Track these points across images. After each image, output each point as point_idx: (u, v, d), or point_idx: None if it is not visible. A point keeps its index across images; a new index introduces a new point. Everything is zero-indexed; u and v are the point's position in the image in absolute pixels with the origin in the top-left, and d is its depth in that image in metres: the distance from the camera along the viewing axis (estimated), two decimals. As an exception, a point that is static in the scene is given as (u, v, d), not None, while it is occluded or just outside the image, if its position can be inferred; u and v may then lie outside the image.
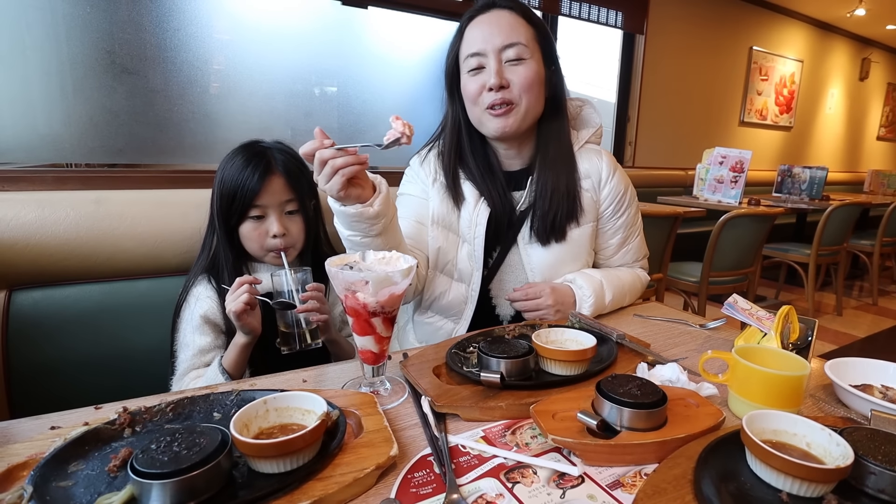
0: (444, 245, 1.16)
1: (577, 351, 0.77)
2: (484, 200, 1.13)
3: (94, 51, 1.47)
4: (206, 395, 0.69)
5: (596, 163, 1.19)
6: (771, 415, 0.59)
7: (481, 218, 1.12)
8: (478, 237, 1.12)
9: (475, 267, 1.14)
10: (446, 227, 1.16)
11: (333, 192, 0.87)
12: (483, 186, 1.14)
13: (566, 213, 1.13)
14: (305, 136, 1.82)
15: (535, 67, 1.07)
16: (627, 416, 0.62)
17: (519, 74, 1.05)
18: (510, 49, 1.05)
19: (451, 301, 1.17)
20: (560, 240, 1.14)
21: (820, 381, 0.83)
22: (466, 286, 1.16)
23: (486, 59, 1.06)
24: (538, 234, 1.13)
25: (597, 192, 1.18)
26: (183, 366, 1.07)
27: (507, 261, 1.17)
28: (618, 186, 1.19)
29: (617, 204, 1.20)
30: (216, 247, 1.14)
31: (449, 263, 1.16)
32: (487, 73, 1.06)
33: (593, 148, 1.22)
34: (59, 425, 0.64)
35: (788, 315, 0.89)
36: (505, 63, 1.06)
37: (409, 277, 0.71)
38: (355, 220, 0.92)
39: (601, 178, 1.18)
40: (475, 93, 1.08)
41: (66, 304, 1.19)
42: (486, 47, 1.05)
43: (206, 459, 0.49)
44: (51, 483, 0.51)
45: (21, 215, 1.14)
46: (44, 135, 1.46)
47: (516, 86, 1.06)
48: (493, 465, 0.60)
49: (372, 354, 0.75)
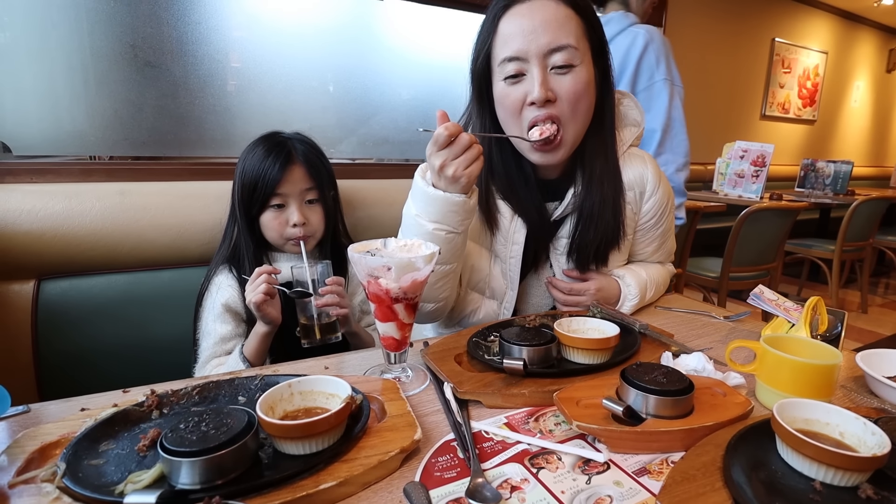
0: (476, 262, 1.06)
1: (601, 339, 0.76)
2: (519, 217, 1.03)
3: (118, 45, 1.49)
4: (231, 379, 0.70)
5: (640, 172, 1.07)
6: (803, 403, 0.57)
7: (518, 237, 1.02)
8: (514, 256, 1.03)
9: (509, 286, 1.06)
10: (479, 242, 1.07)
11: (473, 176, 0.83)
12: (517, 202, 1.03)
13: (609, 240, 1.03)
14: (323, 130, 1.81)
15: (585, 76, 0.91)
16: (654, 404, 0.61)
17: (567, 86, 0.90)
18: (557, 54, 0.88)
19: (482, 319, 1.09)
20: (601, 266, 1.07)
21: (850, 373, 0.81)
22: (499, 304, 1.09)
23: (528, 65, 0.90)
24: (578, 263, 1.05)
25: (637, 205, 1.09)
26: (205, 354, 1.08)
27: (537, 274, 1.10)
28: (661, 199, 1.09)
29: (658, 217, 1.11)
30: (237, 237, 1.15)
31: (481, 281, 1.08)
32: (529, 81, 0.90)
33: (637, 153, 1.10)
34: (89, 407, 0.65)
35: (817, 306, 0.87)
36: (550, 70, 0.90)
37: (432, 264, 0.70)
38: (454, 209, 0.86)
39: (645, 191, 1.08)
40: (514, 107, 0.93)
41: (93, 294, 1.21)
42: (527, 50, 0.88)
43: (234, 439, 0.50)
44: (83, 461, 0.52)
45: (49, 206, 1.17)
46: (69, 128, 1.49)
47: (564, 99, 0.91)
48: (517, 450, 0.60)
49: (394, 341, 0.75)
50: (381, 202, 1.48)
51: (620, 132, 1.08)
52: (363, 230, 1.41)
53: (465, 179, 0.83)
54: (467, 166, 0.81)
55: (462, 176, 0.82)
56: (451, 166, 0.82)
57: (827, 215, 4.29)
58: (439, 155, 0.82)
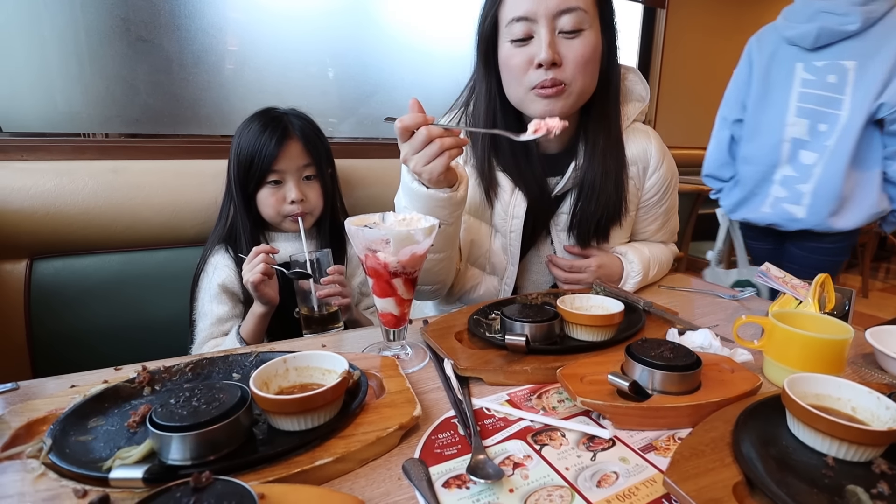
0: (476, 237, 1.05)
1: (605, 315, 0.74)
2: (520, 190, 1.01)
3: (110, 18, 1.45)
4: (225, 356, 0.68)
5: (644, 146, 1.05)
6: (814, 378, 0.56)
7: (518, 210, 1.00)
8: (514, 231, 1.02)
9: (510, 261, 1.05)
10: (478, 216, 1.05)
11: (434, 174, 0.78)
12: (519, 175, 1.01)
13: (611, 214, 1.02)
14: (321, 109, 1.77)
15: (592, 41, 0.90)
16: (660, 379, 0.59)
17: (574, 50, 0.88)
18: (566, 16, 0.86)
19: (483, 295, 1.08)
20: (602, 241, 1.05)
21: (860, 350, 0.79)
22: (499, 280, 1.08)
23: (536, 26, 0.88)
24: (579, 237, 1.03)
25: (640, 181, 1.07)
26: (202, 335, 1.07)
27: (537, 250, 1.09)
28: (665, 175, 1.07)
29: (662, 194, 1.09)
30: (233, 216, 1.13)
31: (481, 256, 1.07)
32: (536, 44, 0.88)
33: (640, 128, 1.08)
34: (79, 384, 0.64)
35: (824, 284, 0.85)
36: (558, 34, 0.88)
37: (431, 237, 0.68)
38: (441, 205, 0.84)
39: (648, 166, 1.06)
40: (520, 69, 0.90)
41: (87, 274, 1.19)
42: (536, 10, 0.86)
43: (226, 414, 0.48)
44: (70, 437, 0.51)
45: (40, 184, 1.14)
46: (61, 105, 1.46)
47: (570, 63, 0.88)
48: (519, 427, 0.58)
49: (393, 317, 0.73)
50: (379, 181, 1.45)
51: (625, 107, 1.06)
52: (361, 209, 1.36)
53: (427, 175, 0.78)
54: (427, 162, 0.77)
55: (422, 172, 0.78)
56: (412, 161, 0.78)
57: (829, 200, 4.25)
58: (402, 148, 0.79)
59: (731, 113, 1.85)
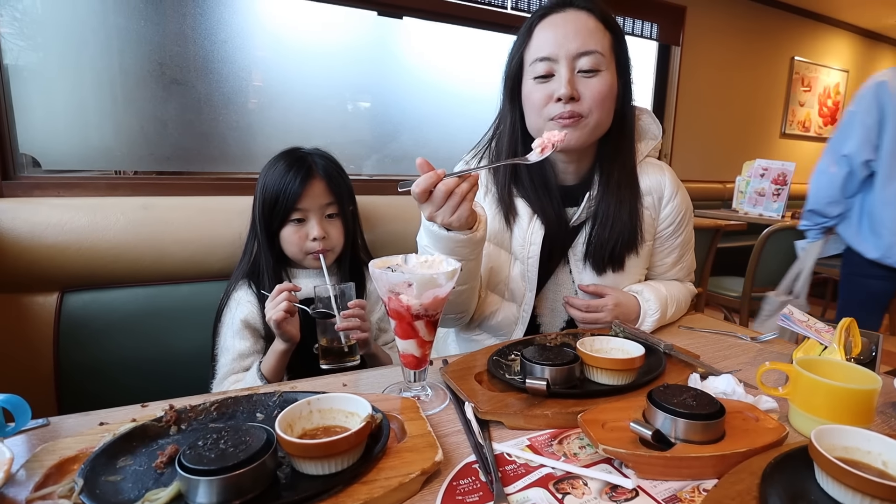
0: (495, 264, 1.09)
1: (626, 359, 0.74)
2: (538, 218, 1.06)
3: (146, 63, 1.53)
4: (249, 395, 0.69)
5: (658, 179, 1.10)
6: (842, 430, 0.55)
7: (536, 237, 1.05)
8: (532, 257, 1.05)
9: (528, 288, 1.07)
10: (498, 244, 1.09)
11: (462, 220, 0.83)
12: (537, 203, 1.06)
13: (626, 242, 1.05)
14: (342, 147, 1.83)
15: (609, 81, 0.98)
16: (683, 428, 0.59)
17: (592, 88, 0.96)
18: (585, 58, 0.95)
19: (501, 322, 1.11)
20: (617, 269, 1.07)
21: (888, 398, 0.77)
22: (518, 306, 1.10)
23: (557, 65, 0.96)
24: (594, 264, 1.06)
25: (656, 210, 1.11)
26: (223, 370, 1.08)
27: (555, 278, 1.10)
28: (679, 206, 1.11)
29: (677, 225, 1.12)
30: (257, 252, 1.15)
31: (500, 283, 1.10)
32: (557, 81, 0.96)
33: (654, 162, 1.14)
34: (108, 421, 0.65)
35: (850, 328, 0.84)
36: (577, 73, 0.96)
37: (454, 280, 0.69)
38: (461, 245, 0.87)
39: (663, 197, 1.11)
40: (540, 102, 0.98)
41: (114, 307, 1.22)
42: (558, 52, 0.95)
43: (253, 458, 0.49)
44: (100, 477, 0.52)
45: (75, 220, 1.19)
46: (97, 144, 1.53)
47: (588, 99, 0.96)
48: (541, 474, 0.58)
49: (414, 359, 0.73)
50: (399, 218, 1.48)
51: (639, 144, 1.13)
52: (381, 246, 1.41)
53: (456, 223, 0.84)
54: (453, 213, 0.82)
55: (451, 222, 0.83)
56: (438, 216, 0.83)
57: (851, 235, 4.18)
58: (423, 208, 0.84)
59: (860, 154, 1.86)
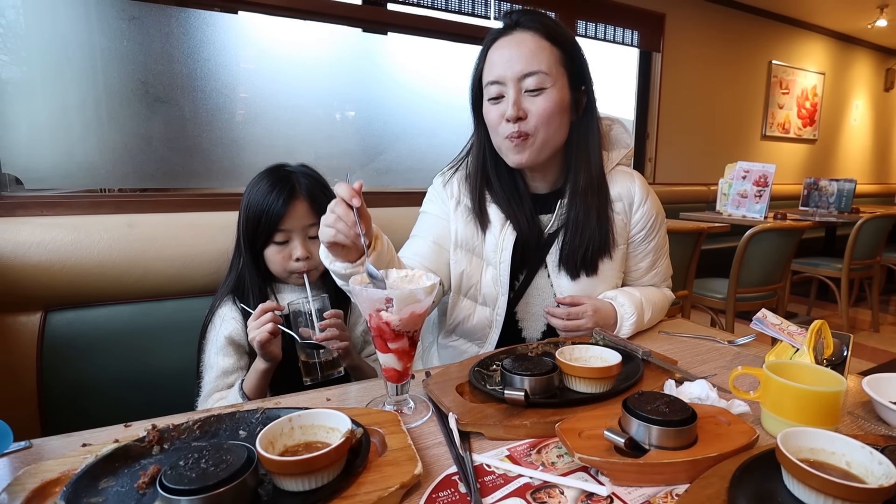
0: (467, 269, 1.13)
1: (603, 368, 0.75)
2: (510, 224, 1.10)
3: (130, 81, 1.54)
4: (233, 413, 0.70)
5: (628, 186, 1.15)
6: (807, 432, 0.57)
7: (507, 242, 1.09)
8: (503, 262, 1.09)
9: (500, 292, 1.11)
10: (470, 250, 1.13)
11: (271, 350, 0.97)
12: (509, 210, 1.11)
13: (597, 247, 1.09)
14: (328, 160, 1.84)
15: (555, 97, 1.02)
16: (656, 434, 0.60)
17: (538, 106, 1.01)
18: (529, 78, 1.01)
19: (476, 325, 1.15)
20: (591, 273, 1.11)
21: (858, 399, 0.80)
22: (491, 310, 1.13)
23: (505, 87, 1.02)
24: (568, 268, 1.10)
25: (628, 216, 1.15)
26: (207, 387, 1.08)
27: (535, 284, 1.14)
28: (650, 211, 1.16)
29: (649, 229, 1.17)
30: (242, 269, 1.16)
31: (473, 287, 1.14)
32: (506, 102, 1.02)
33: (625, 170, 1.18)
34: (90, 442, 0.65)
35: (821, 330, 0.87)
36: (524, 93, 1.02)
37: (433, 295, 0.71)
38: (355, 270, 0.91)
39: (633, 202, 1.15)
40: (495, 122, 1.05)
41: (98, 325, 1.22)
42: (504, 75, 1.02)
43: (233, 476, 0.50)
44: (82, 499, 0.52)
45: (58, 238, 1.19)
46: (80, 162, 1.53)
47: (534, 117, 1.02)
48: (518, 484, 0.59)
49: (395, 372, 0.75)
50: (386, 230, 1.47)
51: (610, 153, 1.18)
52: (366, 258, 1.42)
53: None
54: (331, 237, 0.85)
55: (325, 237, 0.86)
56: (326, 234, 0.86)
57: (833, 234, 4.26)
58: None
59: None
